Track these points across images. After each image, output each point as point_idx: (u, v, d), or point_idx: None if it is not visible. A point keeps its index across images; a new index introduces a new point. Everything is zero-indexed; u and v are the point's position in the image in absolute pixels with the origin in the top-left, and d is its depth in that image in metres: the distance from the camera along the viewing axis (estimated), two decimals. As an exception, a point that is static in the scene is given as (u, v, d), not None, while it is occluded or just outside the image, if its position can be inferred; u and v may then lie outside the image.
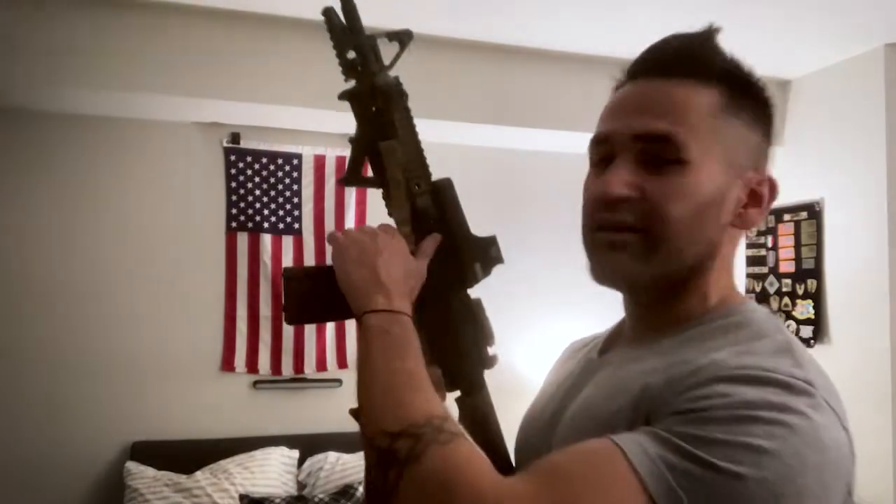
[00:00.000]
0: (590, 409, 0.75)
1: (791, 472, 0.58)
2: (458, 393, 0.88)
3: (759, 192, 0.77)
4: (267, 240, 3.33)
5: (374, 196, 3.45)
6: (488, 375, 0.90)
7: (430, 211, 0.86)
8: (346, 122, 3.16)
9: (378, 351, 0.73)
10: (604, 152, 0.77)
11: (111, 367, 3.10)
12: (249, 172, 3.32)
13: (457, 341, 0.86)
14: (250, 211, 3.32)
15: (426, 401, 0.69)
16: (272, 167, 3.35)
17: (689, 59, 0.75)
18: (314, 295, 0.84)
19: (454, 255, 0.85)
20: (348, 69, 0.85)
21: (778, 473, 0.58)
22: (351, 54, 0.85)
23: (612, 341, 0.87)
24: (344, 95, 0.86)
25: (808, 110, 3.52)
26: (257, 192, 3.34)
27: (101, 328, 3.11)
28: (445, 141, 3.46)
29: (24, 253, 3.04)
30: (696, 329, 0.74)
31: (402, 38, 0.85)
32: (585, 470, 0.60)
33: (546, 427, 0.81)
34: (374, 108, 0.85)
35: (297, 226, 3.38)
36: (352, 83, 0.86)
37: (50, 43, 2.67)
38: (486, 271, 0.87)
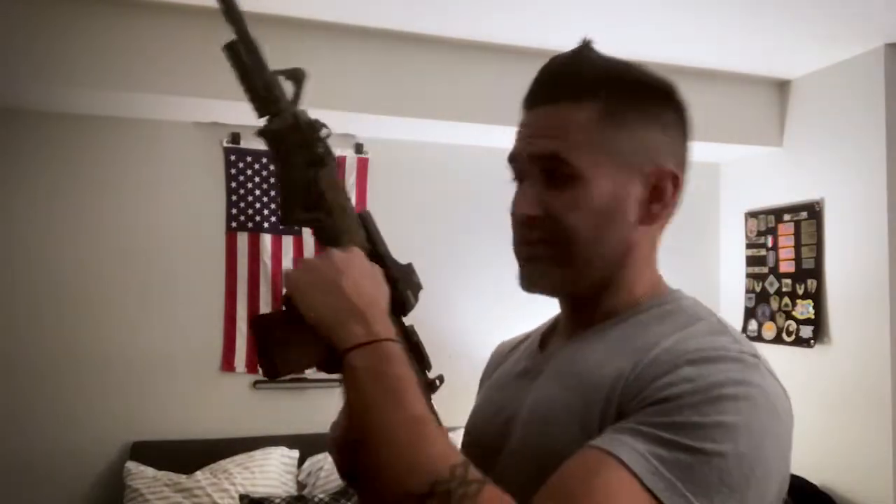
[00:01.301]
0: (552, 402, 0.78)
1: (759, 442, 0.64)
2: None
3: (660, 187, 0.80)
4: (267, 240, 3.33)
5: (375, 195, 3.39)
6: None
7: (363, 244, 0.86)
8: (345, 121, 3.16)
9: (377, 400, 0.69)
10: (516, 171, 0.83)
11: (111, 367, 3.10)
12: (249, 172, 3.32)
13: None
14: (250, 211, 3.32)
15: (443, 449, 0.66)
16: (272, 167, 3.36)
17: (559, 82, 0.80)
18: (290, 341, 0.76)
19: (388, 284, 0.83)
20: (266, 104, 0.83)
21: (750, 445, 0.64)
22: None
23: (549, 337, 0.91)
24: (266, 133, 0.83)
25: (808, 110, 3.53)
26: (257, 192, 3.34)
27: (102, 328, 3.11)
28: (445, 141, 3.47)
29: (23, 253, 3.04)
30: (635, 318, 0.80)
31: (298, 76, 0.84)
32: (587, 482, 0.62)
33: (499, 428, 0.83)
34: (298, 142, 0.83)
35: (296, 226, 3.38)
36: (264, 121, 0.84)
37: (50, 43, 2.67)
38: (416, 298, 0.87)
